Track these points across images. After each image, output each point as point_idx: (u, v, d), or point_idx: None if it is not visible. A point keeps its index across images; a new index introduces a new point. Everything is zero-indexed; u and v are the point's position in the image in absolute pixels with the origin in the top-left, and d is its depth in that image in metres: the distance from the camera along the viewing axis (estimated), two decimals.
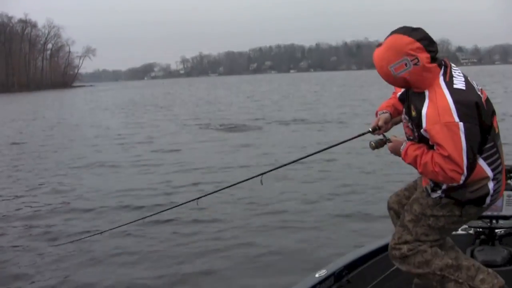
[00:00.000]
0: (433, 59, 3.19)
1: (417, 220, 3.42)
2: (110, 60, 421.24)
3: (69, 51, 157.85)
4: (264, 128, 22.57)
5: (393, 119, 3.74)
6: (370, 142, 3.68)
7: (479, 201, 3.29)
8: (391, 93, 3.82)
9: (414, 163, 3.28)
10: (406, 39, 3.14)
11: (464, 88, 3.16)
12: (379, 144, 3.66)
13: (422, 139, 3.26)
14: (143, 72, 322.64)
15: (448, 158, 3.04)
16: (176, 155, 16.52)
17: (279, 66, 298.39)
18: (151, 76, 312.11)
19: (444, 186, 3.28)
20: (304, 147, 16.14)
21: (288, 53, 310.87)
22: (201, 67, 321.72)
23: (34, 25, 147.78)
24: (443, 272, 3.37)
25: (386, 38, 3.27)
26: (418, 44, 3.13)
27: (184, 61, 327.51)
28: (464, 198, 3.27)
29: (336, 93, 50.14)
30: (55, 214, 9.78)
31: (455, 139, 3.02)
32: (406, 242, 3.43)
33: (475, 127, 3.07)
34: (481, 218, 4.12)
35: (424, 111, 3.15)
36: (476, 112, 3.09)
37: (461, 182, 3.09)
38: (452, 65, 3.31)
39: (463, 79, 3.22)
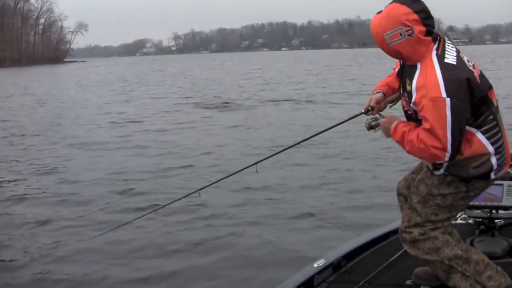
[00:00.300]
0: (428, 33, 3.20)
1: (425, 201, 3.39)
2: (102, 35, 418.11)
3: (62, 26, 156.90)
4: (257, 107, 22.35)
5: (387, 98, 3.73)
6: (365, 123, 3.66)
7: (484, 176, 3.28)
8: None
9: (401, 140, 3.29)
10: (404, 9, 3.13)
11: (455, 63, 3.18)
12: (375, 125, 3.62)
13: (416, 114, 3.28)
14: (135, 48, 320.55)
15: (430, 132, 3.08)
16: (172, 136, 16.17)
17: (271, 44, 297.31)
18: (143, 52, 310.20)
19: (445, 163, 3.27)
20: (297, 130, 16.09)
21: (280, 31, 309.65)
22: (193, 43, 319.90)
23: (26, 0, 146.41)
24: (451, 262, 3.36)
25: (386, 6, 3.28)
26: (415, 16, 3.13)
27: (176, 37, 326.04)
28: (468, 175, 3.26)
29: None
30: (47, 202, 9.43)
31: (440, 114, 3.04)
32: (416, 225, 3.41)
33: (462, 103, 3.08)
34: (481, 208, 4.12)
35: (414, 84, 3.20)
36: (467, 88, 3.10)
37: (446, 159, 3.13)
38: (446, 40, 3.33)
39: (455, 54, 3.23)
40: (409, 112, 3.40)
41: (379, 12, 3.29)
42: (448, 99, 3.03)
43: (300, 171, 11.02)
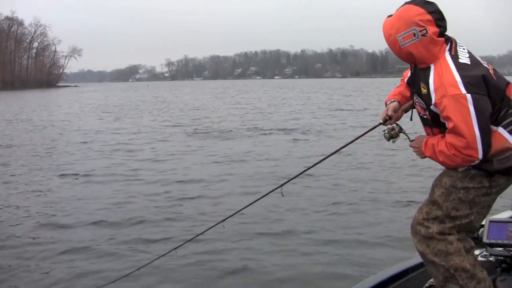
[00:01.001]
0: (441, 35, 3.21)
1: (448, 194, 3.34)
2: (95, 60, 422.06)
3: (55, 51, 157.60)
4: (256, 136, 21.96)
5: (402, 107, 3.72)
6: (384, 133, 3.65)
7: (508, 171, 3.26)
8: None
9: (433, 153, 3.28)
10: (417, 9, 3.15)
11: (469, 63, 3.18)
12: (394, 134, 3.62)
13: (434, 118, 3.29)
14: (128, 74, 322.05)
15: (456, 131, 3.06)
16: (164, 165, 15.40)
17: (264, 72, 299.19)
18: (135, 78, 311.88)
19: None
20: (303, 158, 15.66)
21: (274, 59, 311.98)
22: (186, 70, 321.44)
23: (20, 23, 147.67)
24: (455, 273, 3.31)
25: (397, 9, 3.29)
26: (428, 16, 3.14)
27: (169, 64, 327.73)
28: (492, 168, 3.22)
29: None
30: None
31: (464, 111, 3.03)
32: (435, 218, 3.36)
33: (483, 98, 3.07)
34: (503, 246, 3.95)
35: (431, 85, 3.18)
36: (484, 84, 3.10)
37: (480, 157, 3.09)
38: (457, 41, 3.32)
39: (467, 55, 3.23)
40: (425, 117, 3.41)
41: (390, 16, 3.31)
42: (469, 95, 3.02)
43: (316, 197, 10.68)
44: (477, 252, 3.72)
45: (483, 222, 4.00)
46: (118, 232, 8.69)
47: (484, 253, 4.20)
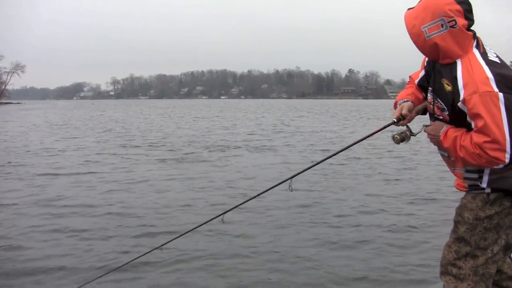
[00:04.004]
0: (469, 30, 3.03)
1: (473, 228, 3.18)
2: (39, 77, 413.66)
3: None
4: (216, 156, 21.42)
5: (416, 107, 3.53)
6: (393, 136, 3.44)
7: None
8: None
9: (453, 146, 3.08)
10: None
11: (499, 61, 3.01)
12: (405, 136, 3.41)
13: (454, 118, 3.11)
14: (73, 92, 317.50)
15: (485, 131, 2.85)
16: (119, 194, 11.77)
17: (210, 92, 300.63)
18: (80, 96, 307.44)
19: (486, 177, 3.10)
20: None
21: (220, 79, 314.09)
22: (131, 89, 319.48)
23: None
24: None
25: (420, 0, 3.10)
26: (458, 6, 2.94)
27: (114, 82, 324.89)
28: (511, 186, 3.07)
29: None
30: None
31: (495, 111, 2.83)
32: (466, 255, 3.20)
33: None
34: None
35: (460, 81, 2.97)
36: None
37: (506, 161, 2.88)
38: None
39: (495, 55, 3.07)
40: (441, 118, 3.23)
41: (411, 8, 3.14)
42: (501, 94, 2.83)
43: (326, 199, 10.50)
44: None
45: None
46: None
47: None
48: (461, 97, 2.94)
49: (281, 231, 8.21)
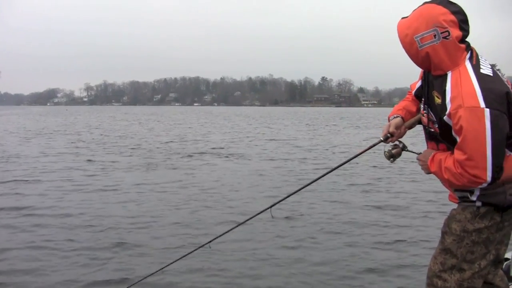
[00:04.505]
0: (463, 41, 2.94)
1: (460, 240, 3.10)
2: (12, 83, 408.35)
3: None
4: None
5: (406, 123, 3.46)
6: (384, 152, 3.37)
7: None
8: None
9: (439, 168, 3.02)
10: (440, 9, 2.87)
11: (491, 74, 2.89)
12: (395, 153, 3.35)
13: (443, 132, 3.03)
14: (46, 98, 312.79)
15: (466, 148, 2.79)
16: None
17: (183, 99, 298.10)
18: (54, 102, 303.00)
19: (477, 192, 3.02)
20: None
21: (193, 86, 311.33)
22: (105, 95, 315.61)
23: None
24: None
25: (415, 9, 3.01)
26: (452, 17, 2.86)
27: (88, 88, 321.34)
28: (505, 203, 3.00)
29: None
30: None
31: (478, 126, 2.73)
32: (452, 268, 3.14)
33: (503, 116, 2.78)
34: None
35: (448, 94, 2.88)
36: (506, 102, 2.81)
37: (488, 179, 2.79)
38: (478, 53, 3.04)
39: (490, 67, 2.95)
40: (432, 130, 3.16)
41: (405, 17, 3.05)
42: (487, 110, 2.73)
43: (317, 225, 9.57)
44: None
45: (508, 255, 3.94)
46: None
47: None
48: (447, 111, 2.88)
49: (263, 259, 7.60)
